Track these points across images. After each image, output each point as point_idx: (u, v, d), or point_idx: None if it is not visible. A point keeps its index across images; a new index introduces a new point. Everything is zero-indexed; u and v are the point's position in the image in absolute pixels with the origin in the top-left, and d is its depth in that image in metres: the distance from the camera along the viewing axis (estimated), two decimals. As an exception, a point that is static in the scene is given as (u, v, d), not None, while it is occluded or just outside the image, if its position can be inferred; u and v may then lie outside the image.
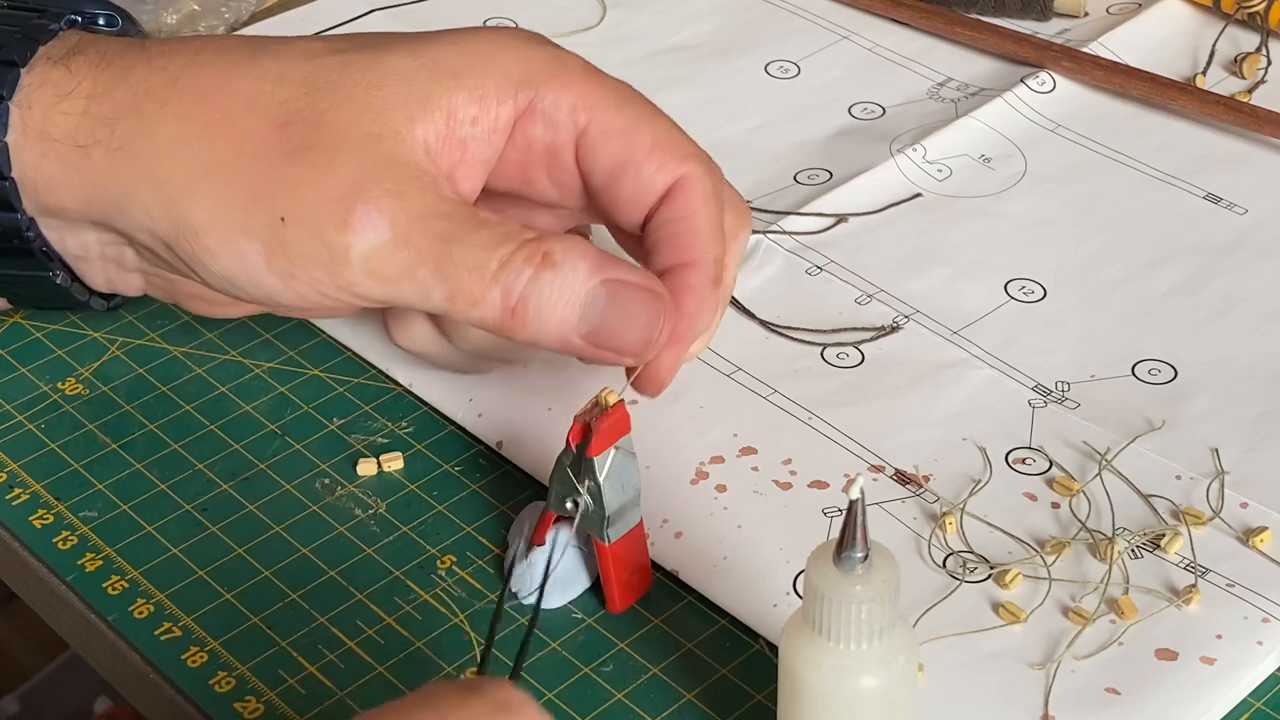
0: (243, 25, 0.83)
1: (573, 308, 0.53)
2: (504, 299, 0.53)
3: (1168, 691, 0.53)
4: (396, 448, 0.62)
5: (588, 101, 0.56)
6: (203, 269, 0.55)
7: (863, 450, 0.61)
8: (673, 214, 0.56)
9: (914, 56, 0.81)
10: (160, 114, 0.55)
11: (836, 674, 0.46)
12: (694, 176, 0.56)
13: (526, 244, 0.53)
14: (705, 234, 0.56)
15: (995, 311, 0.67)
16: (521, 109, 0.56)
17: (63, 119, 0.55)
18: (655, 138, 0.57)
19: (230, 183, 0.54)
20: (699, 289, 0.56)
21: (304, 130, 0.54)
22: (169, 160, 0.55)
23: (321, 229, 0.53)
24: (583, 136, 0.56)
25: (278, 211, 0.53)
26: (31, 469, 0.62)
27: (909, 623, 0.47)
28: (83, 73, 0.56)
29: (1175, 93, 0.76)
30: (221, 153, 0.54)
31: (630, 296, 0.54)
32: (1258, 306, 0.67)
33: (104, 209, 0.56)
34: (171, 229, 0.55)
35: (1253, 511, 0.58)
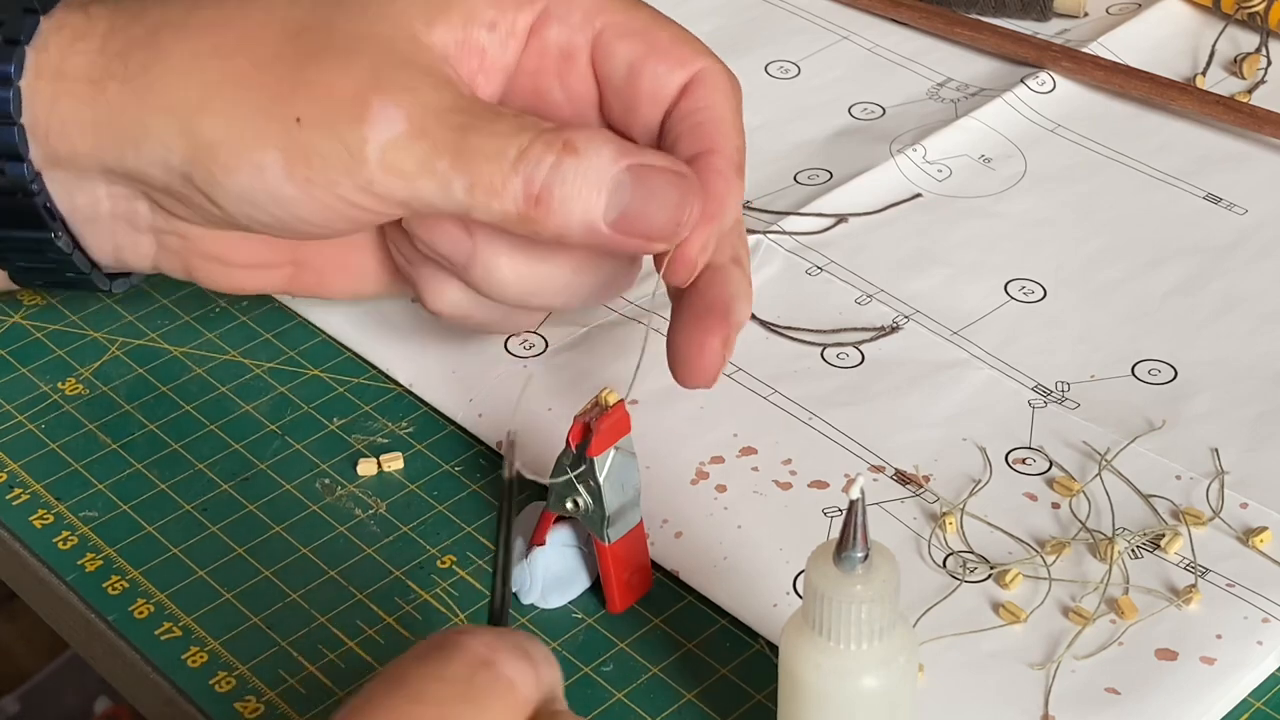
0: None
1: (599, 193, 0.53)
2: (525, 187, 0.52)
3: (1168, 691, 0.53)
4: (396, 448, 0.62)
5: (601, 4, 0.58)
6: (221, 192, 0.55)
7: (863, 450, 0.61)
8: (692, 106, 0.57)
9: (914, 56, 0.81)
10: (175, 41, 0.55)
11: (836, 674, 0.46)
12: (711, 70, 0.57)
13: (546, 132, 0.53)
14: (727, 122, 0.57)
15: (995, 311, 0.67)
16: (537, 13, 0.57)
17: (78, 58, 0.55)
18: (672, 35, 0.58)
19: (244, 93, 0.54)
20: (724, 172, 0.56)
21: (317, 37, 0.54)
22: (183, 83, 0.54)
23: (337, 125, 0.53)
24: (599, 37, 0.57)
25: (293, 113, 0.53)
26: (31, 469, 0.62)
27: (909, 623, 0.47)
28: (100, 16, 0.56)
29: (1175, 93, 0.76)
30: (235, 67, 0.54)
31: (656, 178, 0.53)
32: (1258, 306, 0.67)
33: (117, 146, 0.55)
34: (187, 152, 0.54)
35: (1253, 511, 0.58)
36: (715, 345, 0.56)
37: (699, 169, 0.55)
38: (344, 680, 0.54)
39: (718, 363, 0.56)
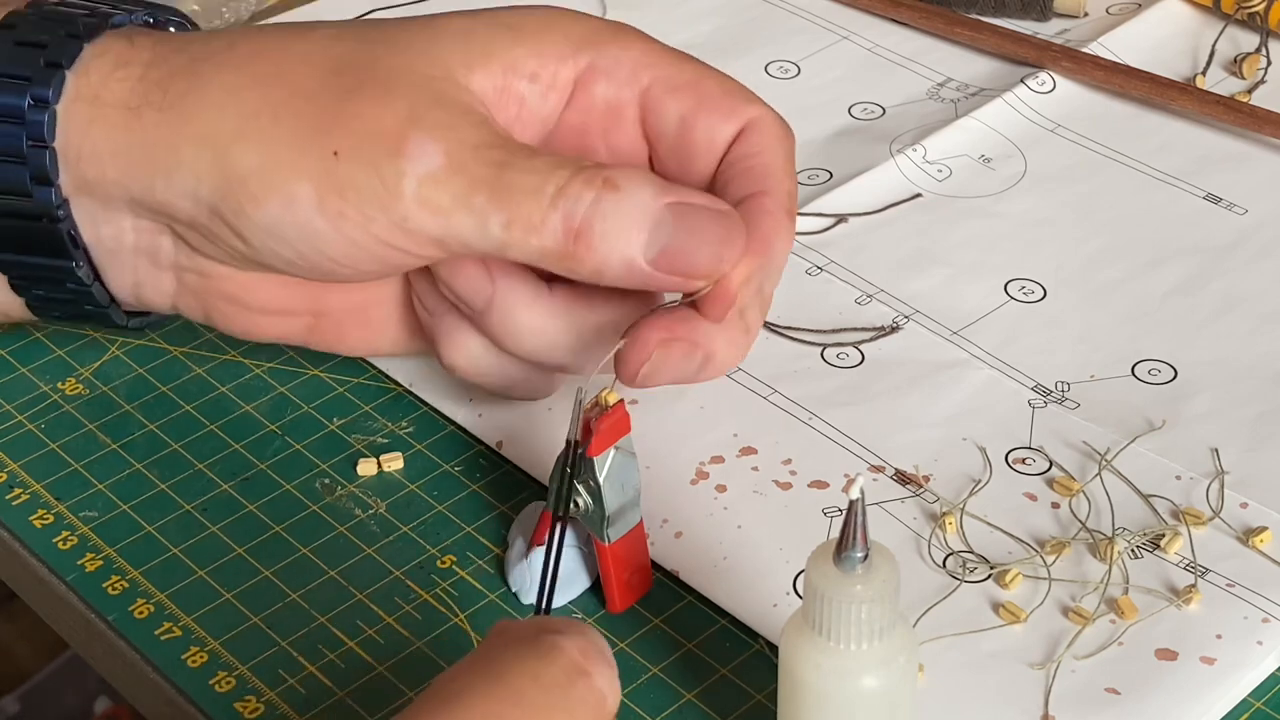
0: (243, 25, 0.83)
1: (639, 230, 0.52)
2: (565, 223, 0.52)
3: (1168, 691, 0.53)
4: (396, 448, 0.62)
5: (649, 59, 0.57)
6: (248, 224, 0.54)
7: (863, 450, 0.61)
8: (744, 151, 0.57)
9: (914, 56, 0.81)
10: (215, 71, 0.55)
11: (836, 674, 0.46)
12: (764, 119, 0.58)
13: (586, 169, 0.53)
14: (778, 167, 0.57)
15: (995, 311, 0.67)
16: (581, 69, 0.57)
17: (118, 85, 0.55)
18: (722, 85, 0.58)
19: (281, 123, 0.54)
20: (773, 213, 0.55)
21: (357, 73, 0.54)
22: (219, 112, 0.54)
23: (374, 158, 0.53)
24: (647, 93, 0.57)
25: (330, 146, 0.53)
26: (31, 469, 0.62)
27: (909, 623, 0.47)
28: (144, 45, 0.56)
29: (1175, 93, 0.76)
30: (274, 97, 0.54)
31: (698, 216, 0.53)
32: (1258, 306, 0.67)
33: (148, 175, 0.55)
34: (218, 183, 0.54)
35: (1253, 511, 0.58)
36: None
37: (749, 209, 0.55)
38: (344, 680, 0.54)
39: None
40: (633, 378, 0.54)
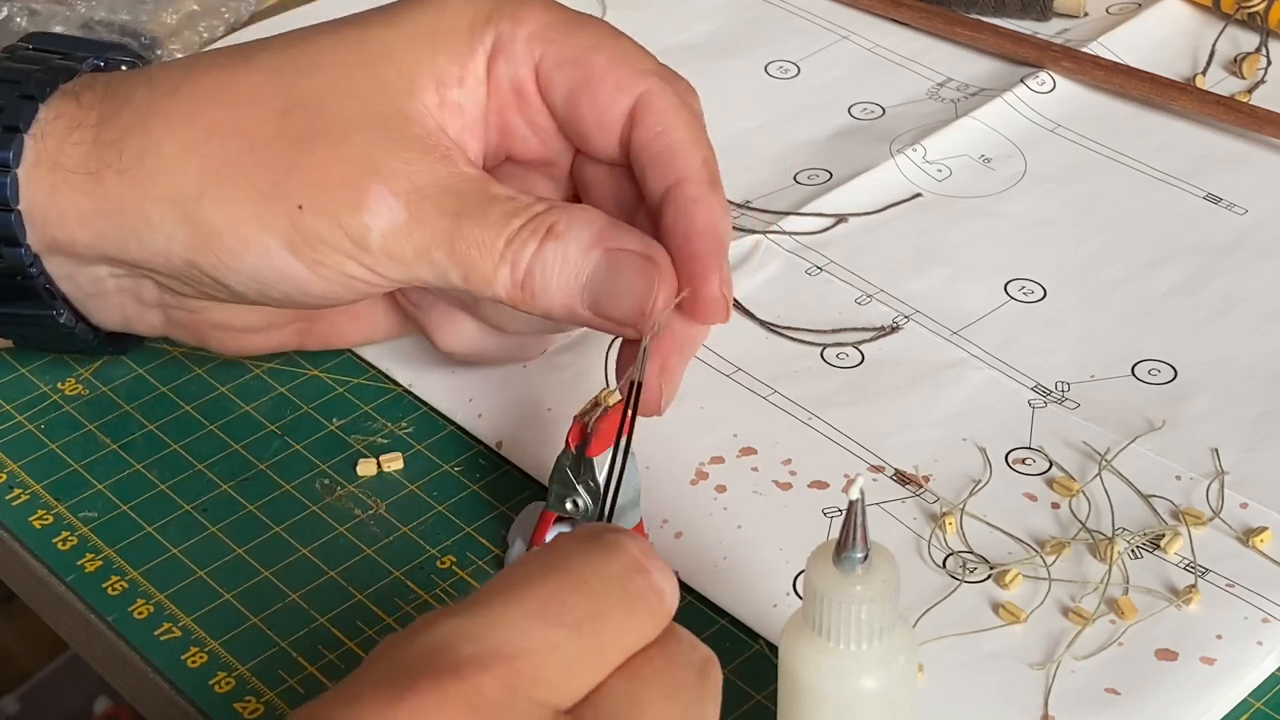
0: (242, 25, 0.83)
1: (576, 278, 0.53)
2: (513, 274, 0.53)
3: (1168, 692, 0.53)
4: (396, 448, 0.62)
5: (542, 31, 0.57)
6: (229, 274, 0.55)
7: (863, 450, 0.61)
8: (646, 135, 0.56)
9: (914, 56, 0.81)
10: (165, 126, 0.55)
11: (836, 674, 0.46)
12: (654, 91, 0.56)
13: (535, 218, 0.53)
14: (685, 142, 0.56)
15: (995, 311, 0.67)
16: (489, 51, 0.56)
17: (74, 149, 0.55)
18: (610, 58, 0.56)
19: (243, 177, 0.54)
20: (701, 198, 0.55)
21: (307, 117, 0.54)
22: (178, 170, 0.54)
23: (338, 213, 0.53)
24: (540, 66, 0.57)
25: (294, 200, 0.53)
26: (31, 469, 0.62)
27: (909, 623, 0.47)
28: (91, 104, 0.56)
29: (1175, 93, 0.76)
30: (230, 151, 0.54)
31: (627, 264, 0.53)
32: (1258, 306, 0.67)
33: (119, 238, 0.55)
34: (190, 240, 0.55)
35: (1253, 512, 0.58)
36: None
37: (674, 202, 0.55)
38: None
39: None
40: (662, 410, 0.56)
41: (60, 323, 0.59)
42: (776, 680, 0.48)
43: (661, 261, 0.54)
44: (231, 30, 0.82)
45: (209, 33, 0.81)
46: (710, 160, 0.56)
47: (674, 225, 0.55)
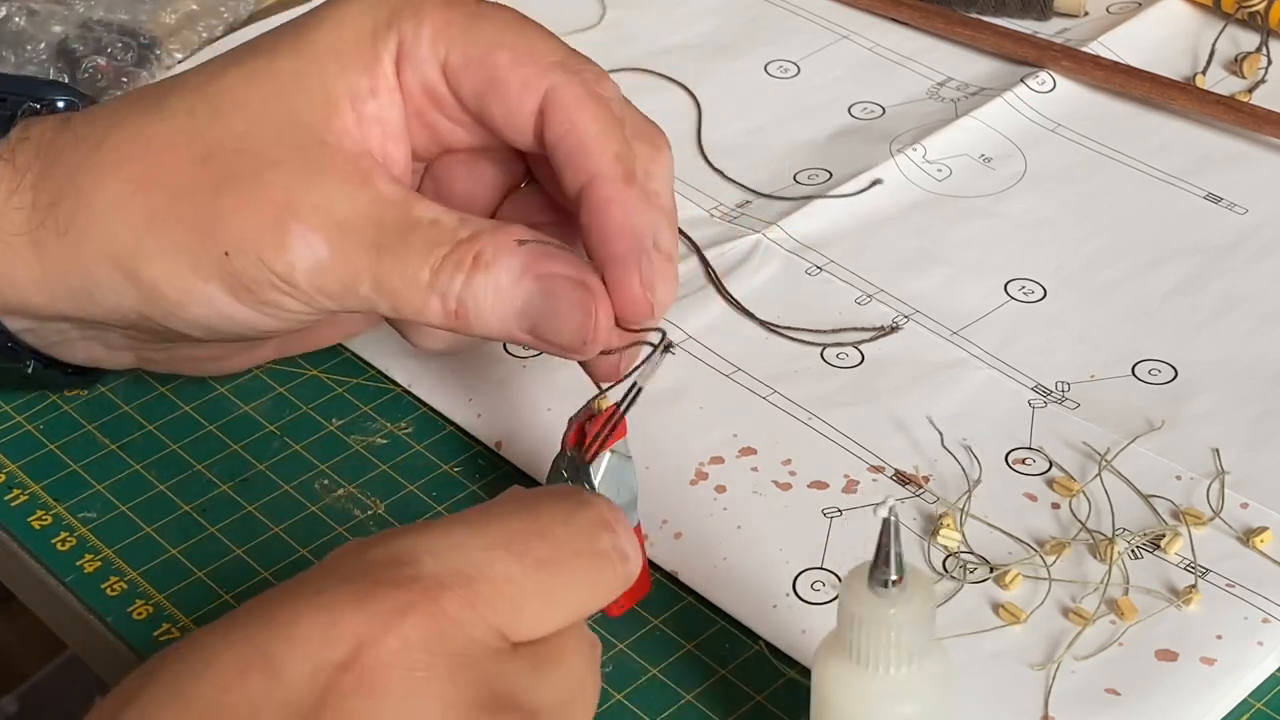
0: (241, 25, 0.83)
1: (509, 307, 0.52)
2: (443, 304, 0.52)
3: (1168, 692, 0.53)
4: (396, 448, 0.62)
5: (444, 30, 0.55)
6: (181, 323, 0.55)
7: (863, 450, 0.61)
8: (556, 132, 0.54)
9: (914, 56, 0.81)
10: (93, 182, 0.55)
11: (872, 700, 0.45)
12: (559, 85, 0.54)
13: (458, 246, 0.52)
14: (593, 139, 0.54)
15: (995, 311, 0.67)
16: (394, 56, 0.55)
17: (15, 214, 0.55)
18: (514, 54, 0.55)
19: (169, 231, 0.54)
20: (613, 197, 0.53)
21: (226, 159, 0.53)
22: (110, 227, 0.54)
23: (262, 256, 0.53)
24: (446, 66, 0.55)
25: (219, 247, 0.53)
26: (31, 470, 0.62)
27: (944, 646, 0.46)
28: (26, 164, 0.56)
29: (1175, 93, 0.76)
30: (155, 202, 0.54)
31: (562, 293, 0.52)
32: (1258, 306, 0.67)
33: (71, 299, 0.56)
34: (137, 297, 0.55)
35: (1253, 512, 0.58)
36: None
37: (588, 202, 0.53)
38: (343, 681, 0.54)
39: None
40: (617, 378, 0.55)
41: (29, 374, 0.60)
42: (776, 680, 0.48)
43: (595, 286, 0.53)
44: (231, 30, 0.82)
45: (208, 32, 0.81)
46: (623, 153, 0.54)
47: (590, 227, 0.54)
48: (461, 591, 0.40)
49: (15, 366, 0.60)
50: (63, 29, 0.78)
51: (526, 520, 0.43)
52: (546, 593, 0.42)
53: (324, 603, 0.39)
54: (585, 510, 0.44)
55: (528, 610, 0.42)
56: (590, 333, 0.53)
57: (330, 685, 0.38)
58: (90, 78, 0.77)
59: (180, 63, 0.80)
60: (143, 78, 0.78)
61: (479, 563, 0.41)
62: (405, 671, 0.39)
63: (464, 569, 0.41)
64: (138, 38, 0.79)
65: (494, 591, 0.41)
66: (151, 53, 0.79)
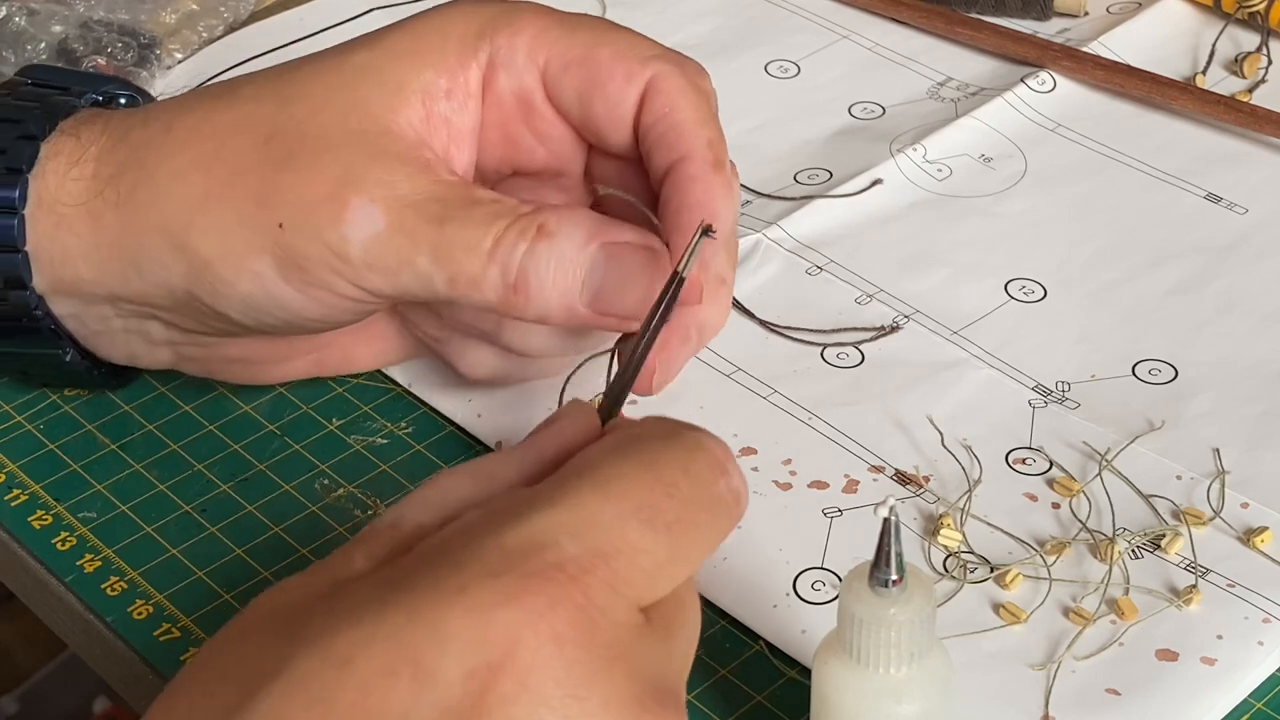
0: (241, 24, 0.83)
1: (574, 276, 0.52)
2: (503, 276, 0.52)
3: (1168, 692, 0.53)
4: (396, 448, 0.62)
5: (542, 38, 0.56)
6: (225, 302, 0.55)
7: (863, 450, 0.61)
8: (652, 117, 0.56)
9: (914, 56, 0.81)
10: (158, 160, 0.55)
11: (872, 699, 0.45)
12: (662, 74, 0.56)
13: (521, 217, 0.53)
14: (690, 122, 0.55)
15: (995, 311, 0.67)
16: (485, 66, 0.56)
17: (74, 185, 0.56)
18: (615, 50, 0.56)
19: (226, 204, 0.54)
20: (700, 176, 0.55)
21: (287, 140, 0.54)
22: (169, 202, 0.55)
23: (319, 228, 0.53)
24: (545, 74, 0.56)
25: (275, 219, 0.53)
26: (31, 469, 0.62)
27: (944, 646, 0.46)
28: (91, 139, 0.56)
29: (1175, 92, 0.76)
30: (214, 180, 0.54)
31: (628, 257, 0.53)
32: (1258, 306, 0.67)
33: (120, 272, 0.56)
34: (186, 269, 0.55)
35: (1253, 511, 0.58)
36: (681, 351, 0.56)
37: (675, 179, 0.55)
38: (343, 681, 0.54)
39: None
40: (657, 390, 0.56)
41: (66, 361, 0.60)
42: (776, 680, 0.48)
43: (661, 251, 0.54)
44: (230, 30, 0.82)
45: (208, 32, 0.81)
46: (716, 142, 0.56)
47: (669, 201, 0.55)
48: (603, 573, 0.40)
49: (53, 353, 0.59)
50: (63, 29, 0.78)
51: (649, 476, 0.42)
52: (676, 555, 0.42)
53: (471, 602, 0.38)
54: (701, 455, 0.43)
55: (662, 576, 0.42)
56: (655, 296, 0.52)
57: (486, 688, 0.37)
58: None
59: (180, 63, 0.80)
60: (143, 78, 0.78)
61: (615, 538, 0.41)
62: (559, 667, 0.38)
63: (602, 547, 0.40)
64: (138, 38, 0.79)
65: (631, 566, 0.41)
66: (151, 53, 0.79)
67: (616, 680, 0.39)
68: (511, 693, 0.38)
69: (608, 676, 0.39)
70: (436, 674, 0.37)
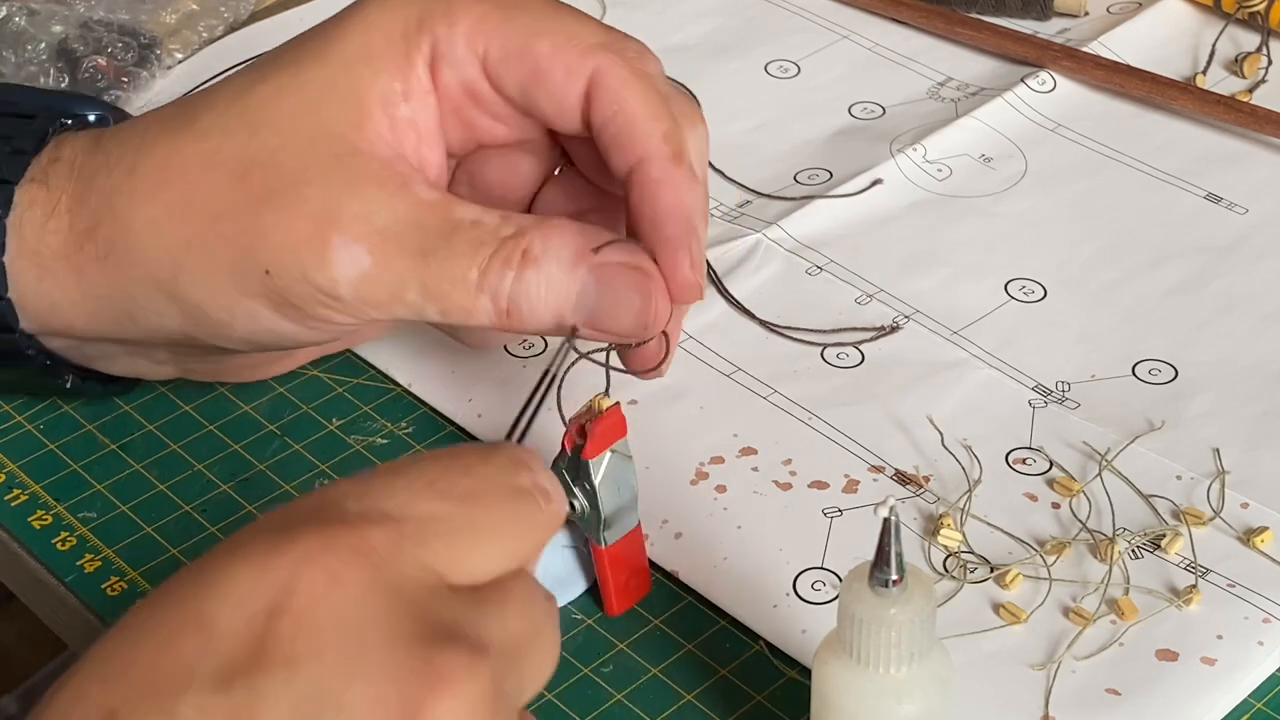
0: (242, 24, 0.83)
1: (565, 299, 0.52)
2: (494, 304, 0.52)
3: (1168, 692, 0.53)
4: (397, 448, 0.62)
5: (479, 28, 0.55)
6: (226, 340, 0.55)
7: (863, 450, 0.61)
8: (602, 117, 0.54)
9: (914, 56, 0.81)
10: (131, 209, 0.54)
11: (870, 699, 0.45)
12: (604, 68, 0.54)
13: (504, 243, 0.52)
14: (641, 118, 0.54)
15: (995, 311, 0.67)
16: (428, 58, 0.55)
17: (52, 238, 0.55)
18: (554, 42, 0.54)
19: (211, 252, 0.54)
20: (665, 179, 0.53)
21: (262, 176, 0.53)
22: (151, 251, 0.54)
23: (305, 272, 0.53)
24: (486, 65, 0.55)
25: (260, 266, 0.53)
26: (31, 469, 0.61)
27: (944, 646, 0.46)
28: (60, 187, 0.56)
29: (1175, 92, 0.76)
30: (194, 225, 0.54)
31: (620, 280, 0.52)
32: (1258, 306, 0.67)
33: (113, 321, 0.56)
34: (181, 318, 0.55)
35: (1253, 511, 0.58)
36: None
37: (638, 184, 0.54)
38: (343, 681, 0.54)
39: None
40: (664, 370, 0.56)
41: (68, 388, 0.60)
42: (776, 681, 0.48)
43: (651, 270, 0.53)
44: (231, 30, 0.82)
45: (208, 32, 0.81)
46: (672, 133, 0.54)
47: (640, 209, 0.54)
48: (387, 528, 0.39)
49: (56, 383, 0.60)
50: (63, 29, 0.78)
51: (446, 459, 0.42)
52: (475, 529, 0.41)
53: (249, 552, 0.38)
54: (499, 452, 0.43)
55: (458, 548, 0.41)
56: (651, 316, 0.53)
57: (266, 631, 0.37)
58: (90, 78, 0.77)
59: (180, 63, 0.80)
60: (143, 78, 0.78)
61: (402, 502, 0.40)
62: (339, 606, 0.38)
63: (387, 509, 0.40)
64: (138, 38, 0.79)
65: (420, 529, 0.40)
66: (151, 53, 0.79)
67: (399, 619, 0.38)
68: (289, 632, 0.37)
69: (390, 616, 0.38)
70: (217, 624, 0.38)
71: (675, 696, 0.54)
